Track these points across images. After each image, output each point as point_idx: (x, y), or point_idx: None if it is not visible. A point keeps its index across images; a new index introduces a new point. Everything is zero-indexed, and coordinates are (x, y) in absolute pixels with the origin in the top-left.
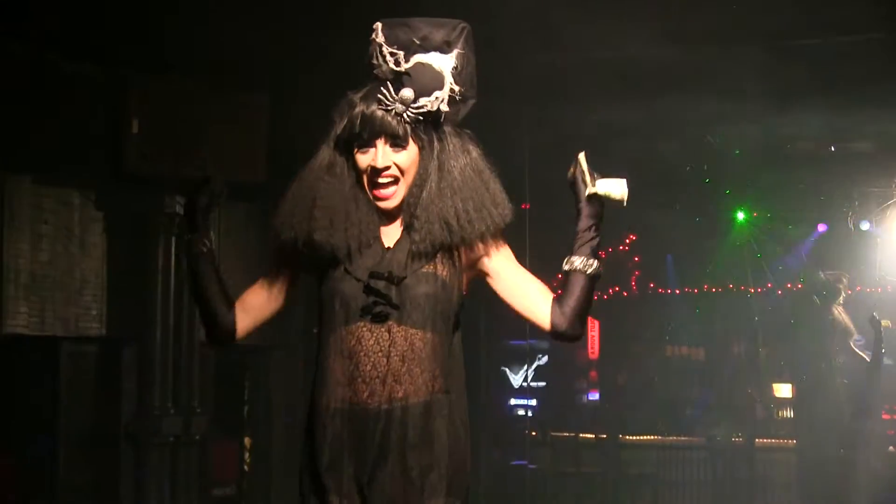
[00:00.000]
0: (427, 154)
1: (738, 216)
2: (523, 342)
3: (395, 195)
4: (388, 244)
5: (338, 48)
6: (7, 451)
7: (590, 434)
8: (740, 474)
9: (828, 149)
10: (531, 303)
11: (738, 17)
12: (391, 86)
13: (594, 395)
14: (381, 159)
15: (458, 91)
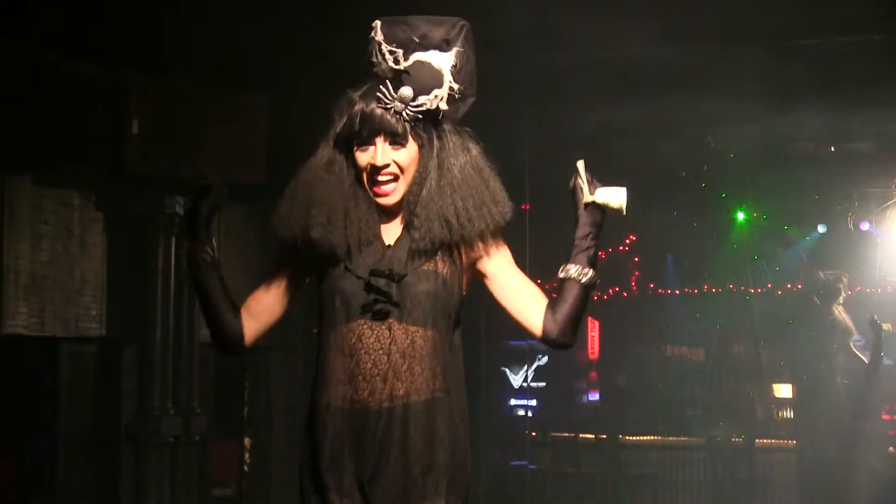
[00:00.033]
0: (427, 152)
1: (738, 216)
2: (523, 342)
3: (395, 192)
4: (388, 242)
5: (338, 48)
6: (7, 451)
7: (590, 434)
8: (740, 475)
9: (828, 149)
10: (525, 307)
11: (738, 17)
12: (390, 84)
13: (594, 396)
14: (381, 157)
15: (458, 89)
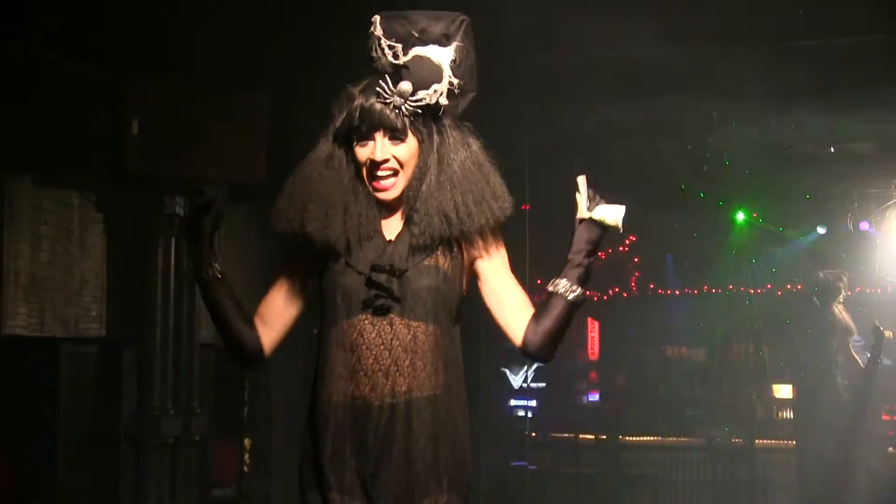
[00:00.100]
0: (426, 147)
1: (738, 217)
2: None
3: (395, 187)
4: (389, 237)
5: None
6: (7, 451)
7: (590, 435)
8: (740, 475)
9: (827, 149)
10: (510, 315)
11: (739, 17)
12: (389, 79)
13: (594, 396)
14: (380, 152)
15: (457, 84)
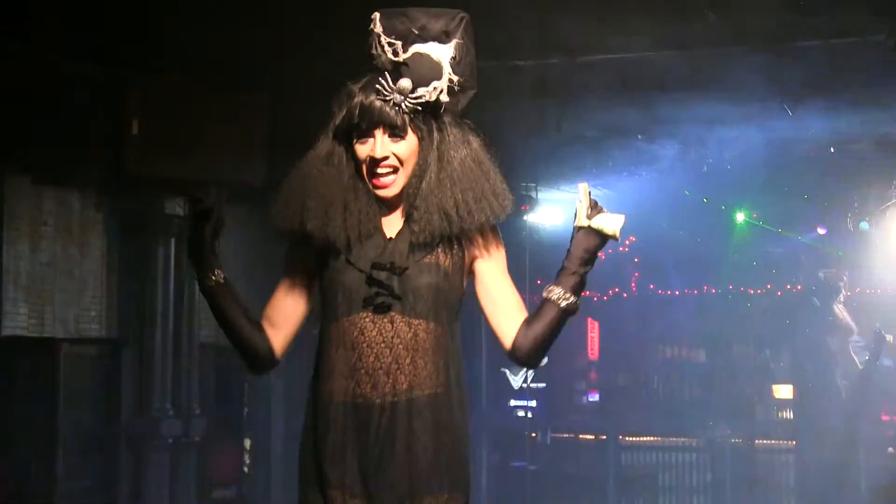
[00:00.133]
0: (426, 144)
1: (738, 217)
2: None
3: (395, 184)
4: (389, 235)
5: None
6: (6, 452)
7: (590, 435)
8: (740, 475)
9: (827, 150)
10: (503, 318)
11: (738, 18)
12: (389, 76)
13: (594, 396)
14: (380, 149)
15: (457, 81)
